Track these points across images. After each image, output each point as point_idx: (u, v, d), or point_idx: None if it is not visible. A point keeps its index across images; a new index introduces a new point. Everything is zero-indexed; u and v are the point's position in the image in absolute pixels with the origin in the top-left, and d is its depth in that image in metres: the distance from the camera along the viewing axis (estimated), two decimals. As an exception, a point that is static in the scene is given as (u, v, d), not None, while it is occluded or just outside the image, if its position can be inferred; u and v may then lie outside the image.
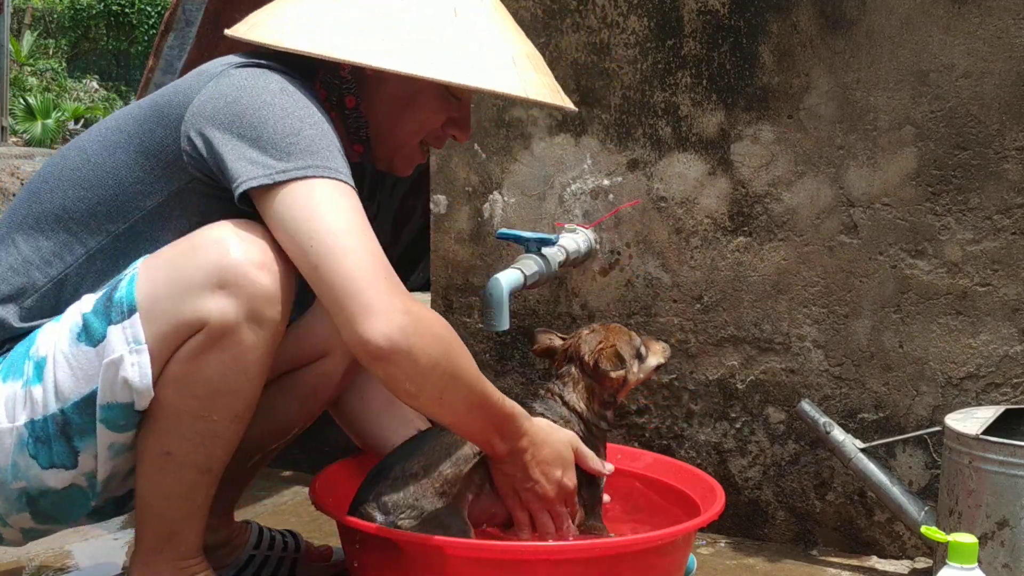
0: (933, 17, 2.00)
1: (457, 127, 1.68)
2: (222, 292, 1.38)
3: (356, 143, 1.67)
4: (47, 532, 1.62)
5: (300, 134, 1.43)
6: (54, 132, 13.27)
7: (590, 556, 1.55)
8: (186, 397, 1.41)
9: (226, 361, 1.39)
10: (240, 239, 1.41)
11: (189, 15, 2.49)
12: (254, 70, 1.51)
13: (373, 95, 1.63)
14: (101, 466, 1.48)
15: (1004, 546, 1.70)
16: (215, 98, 1.46)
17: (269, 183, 1.40)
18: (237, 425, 1.46)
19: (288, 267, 1.42)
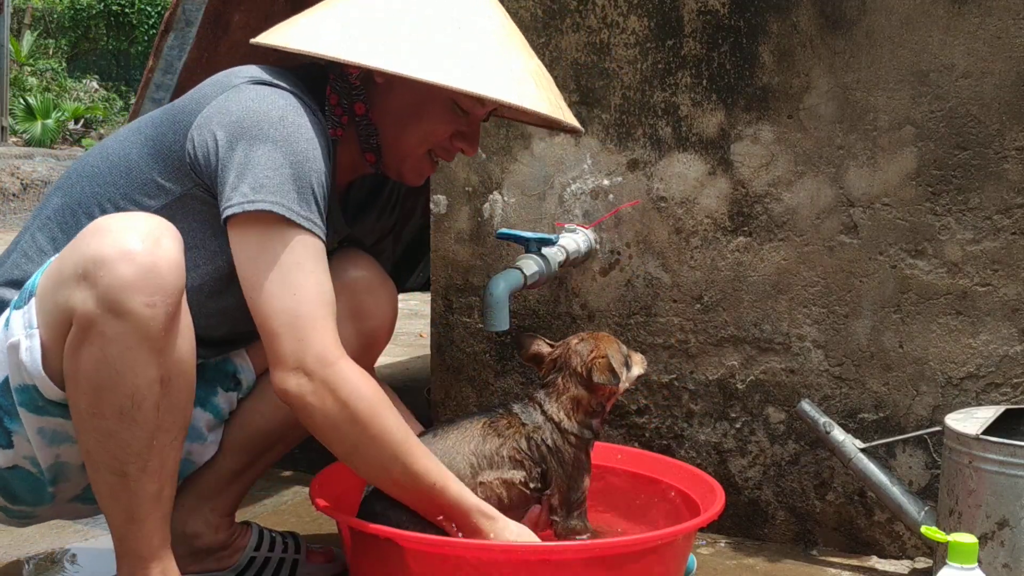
0: (933, 17, 2.00)
1: (465, 141, 1.70)
2: (84, 283, 1.37)
3: (368, 151, 1.70)
4: (29, 515, 1.64)
5: (279, 170, 1.48)
6: (54, 132, 13.27)
7: (590, 556, 1.55)
8: (76, 392, 1.41)
9: (95, 354, 1.38)
10: (113, 229, 1.40)
11: (189, 15, 2.48)
12: (264, 89, 1.55)
13: (382, 103, 1.66)
14: (38, 451, 1.51)
15: (1004, 546, 1.71)
16: (222, 112, 1.53)
17: (239, 212, 1.47)
18: (128, 424, 1.41)
19: (173, 257, 1.40)
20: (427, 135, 1.67)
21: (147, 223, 1.42)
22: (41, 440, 1.50)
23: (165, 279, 1.38)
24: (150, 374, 1.41)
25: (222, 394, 1.77)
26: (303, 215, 1.49)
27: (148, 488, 1.46)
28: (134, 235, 1.39)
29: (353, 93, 1.66)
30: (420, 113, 1.65)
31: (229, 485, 1.81)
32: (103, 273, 1.36)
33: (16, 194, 10.28)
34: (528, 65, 1.63)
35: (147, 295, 1.37)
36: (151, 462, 1.44)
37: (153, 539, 1.49)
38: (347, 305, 1.77)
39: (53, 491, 1.58)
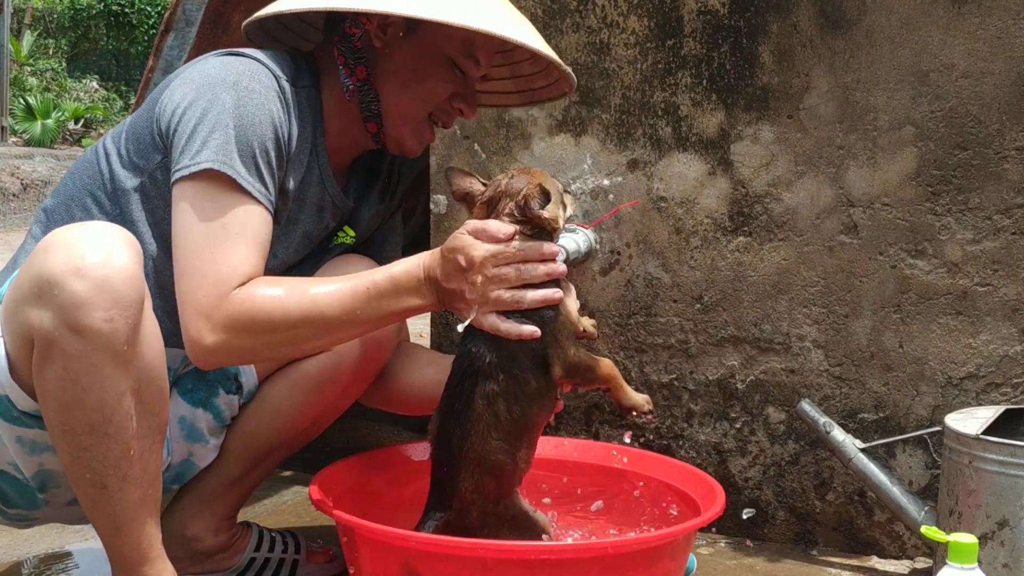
0: (933, 17, 2.00)
1: (464, 101, 1.72)
2: (40, 302, 1.35)
3: (369, 120, 1.72)
4: (27, 518, 1.65)
5: (223, 130, 1.49)
6: (54, 132, 13.26)
7: (590, 556, 1.55)
8: (48, 410, 1.40)
9: (59, 372, 1.36)
10: (64, 244, 1.37)
11: (189, 15, 2.48)
12: (227, 58, 1.58)
13: (382, 66, 1.68)
14: (19, 460, 1.51)
15: (1004, 546, 1.70)
16: (185, 81, 1.57)
17: (183, 175, 1.49)
18: (101, 437, 1.39)
19: (127, 268, 1.37)
20: (428, 96, 1.69)
21: (98, 235, 1.39)
22: (21, 449, 1.50)
23: (120, 292, 1.35)
24: (118, 387, 1.38)
25: (223, 396, 1.77)
26: (243, 176, 1.50)
27: (131, 496, 1.44)
28: (86, 249, 1.35)
29: (356, 57, 1.68)
30: (420, 74, 1.67)
31: (230, 490, 1.81)
32: (57, 291, 1.33)
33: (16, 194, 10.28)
34: (522, 18, 1.67)
35: (104, 310, 1.34)
36: (131, 471, 1.43)
37: (142, 543, 1.48)
38: None
39: (44, 497, 1.57)
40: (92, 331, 1.34)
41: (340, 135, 1.72)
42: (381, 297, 1.52)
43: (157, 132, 1.58)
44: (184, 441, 1.75)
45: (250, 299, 1.46)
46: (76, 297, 1.33)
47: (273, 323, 1.47)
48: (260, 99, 1.54)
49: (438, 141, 2.42)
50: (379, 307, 1.52)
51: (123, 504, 1.44)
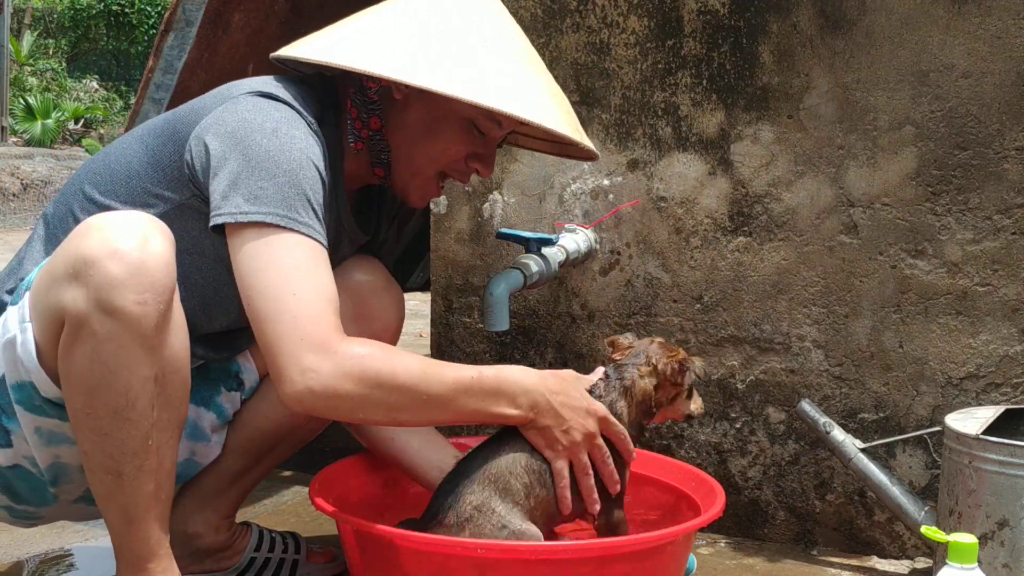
0: (933, 17, 2.00)
1: (480, 162, 1.69)
2: (75, 283, 1.37)
3: (377, 166, 1.70)
4: (34, 515, 1.65)
5: (273, 180, 1.48)
6: (54, 132, 13.28)
7: (590, 556, 1.55)
8: (72, 392, 1.41)
9: (88, 354, 1.37)
10: (102, 228, 1.39)
11: (189, 15, 2.48)
12: (261, 101, 1.56)
13: (398, 119, 1.66)
14: (36, 451, 1.51)
15: (1004, 546, 1.71)
16: (218, 123, 1.54)
17: (232, 222, 1.47)
18: (123, 423, 1.40)
19: (162, 255, 1.39)
20: (440, 154, 1.66)
21: (136, 221, 1.41)
22: (39, 440, 1.50)
23: (155, 277, 1.38)
24: (143, 372, 1.40)
25: (225, 394, 1.77)
26: (300, 222, 1.49)
27: (145, 488, 1.45)
28: (123, 233, 1.38)
29: (371, 107, 1.67)
30: (435, 131, 1.64)
31: (231, 486, 1.81)
32: (93, 272, 1.35)
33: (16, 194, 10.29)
34: (551, 87, 1.63)
35: (137, 293, 1.36)
36: (147, 461, 1.44)
37: (151, 539, 1.48)
38: (352, 309, 1.77)
39: (55, 492, 1.58)
40: (124, 313, 1.36)
41: (354, 171, 1.72)
42: (482, 392, 1.53)
43: (188, 171, 1.55)
44: (186, 440, 1.75)
45: (361, 345, 1.47)
46: (111, 278, 1.35)
47: (382, 380, 1.46)
48: (302, 144, 1.53)
49: (438, 141, 2.42)
50: (475, 402, 1.54)
51: (137, 495, 1.45)
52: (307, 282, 1.47)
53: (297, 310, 1.45)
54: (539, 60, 1.67)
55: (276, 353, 1.45)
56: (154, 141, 1.62)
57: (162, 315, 1.39)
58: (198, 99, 1.65)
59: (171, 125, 1.62)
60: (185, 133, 1.57)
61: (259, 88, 1.59)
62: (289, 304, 1.45)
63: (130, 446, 1.42)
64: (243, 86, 1.61)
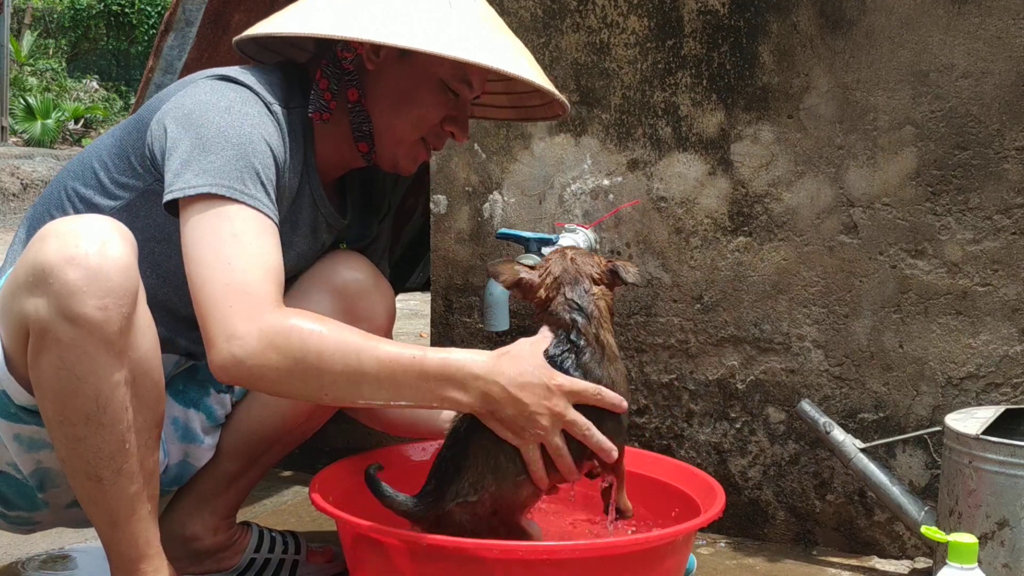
0: (933, 17, 2.00)
1: (455, 124, 1.71)
2: (36, 291, 1.36)
3: (361, 141, 1.70)
4: (28, 521, 1.64)
5: (221, 153, 1.49)
6: (54, 132, 13.27)
7: (589, 556, 1.55)
8: (43, 401, 1.40)
9: (54, 362, 1.36)
10: (58, 234, 1.38)
11: (189, 15, 2.48)
12: (219, 83, 1.58)
13: (374, 88, 1.67)
14: (17, 457, 1.51)
15: (1004, 546, 1.70)
16: (176, 107, 1.56)
17: (181, 196, 1.47)
18: (96, 428, 1.39)
19: (121, 259, 1.37)
20: (420, 119, 1.68)
21: (93, 226, 1.40)
22: (19, 447, 1.50)
23: (115, 281, 1.36)
24: (113, 377, 1.39)
25: (215, 395, 1.77)
26: (245, 192, 1.48)
27: (127, 490, 1.44)
28: (80, 239, 1.36)
29: (346, 79, 1.67)
30: (412, 97, 1.66)
31: (228, 488, 1.81)
32: (52, 280, 1.34)
33: (16, 194, 10.29)
34: (517, 44, 1.66)
35: (98, 299, 1.35)
36: (127, 464, 1.43)
37: (139, 540, 1.48)
38: (340, 308, 1.76)
39: (44, 497, 1.57)
40: (85, 319, 1.34)
41: (330, 153, 1.72)
42: (424, 376, 1.43)
43: (149, 155, 1.57)
44: (179, 442, 1.75)
45: (289, 321, 1.41)
46: (70, 285, 1.34)
47: (308, 351, 1.40)
48: (254, 120, 1.54)
49: (438, 141, 2.42)
50: (416, 385, 1.44)
51: (119, 498, 1.44)
52: (244, 251, 1.44)
53: (229, 278, 1.42)
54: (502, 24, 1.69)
55: (206, 319, 1.41)
56: (122, 132, 1.65)
57: (125, 318, 1.38)
58: (164, 89, 1.67)
59: (138, 115, 1.64)
60: (148, 119, 1.60)
61: (221, 73, 1.61)
62: (222, 271, 1.42)
63: (106, 450, 1.41)
64: (206, 72, 1.63)
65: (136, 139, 1.60)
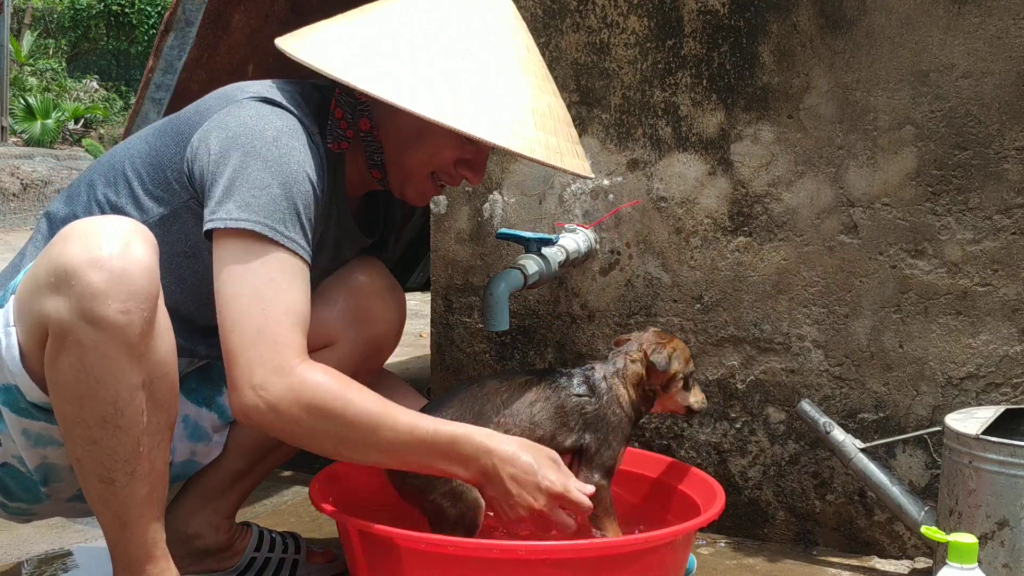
0: (933, 17, 2.00)
1: (470, 169, 1.69)
2: (57, 292, 1.35)
3: (373, 168, 1.70)
4: (28, 512, 1.64)
5: (266, 190, 1.48)
6: (54, 132, 13.27)
7: (589, 556, 1.55)
8: (60, 401, 1.40)
9: (73, 363, 1.36)
10: (82, 235, 1.38)
11: (189, 15, 2.48)
12: (264, 107, 1.56)
13: (388, 120, 1.66)
14: (23, 452, 1.51)
15: (1004, 546, 1.71)
16: (220, 127, 1.54)
17: (221, 227, 1.48)
18: (113, 431, 1.39)
19: (144, 262, 1.37)
20: (430, 158, 1.66)
21: (116, 227, 1.40)
22: (26, 441, 1.50)
23: (137, 284, 1.36)
24: (131, 380, 1.39)
25: (227, 394, 1.77)
26: (285, 235, 1.49)
27: (138, 492, 1.44)
28: (104, 241, 1.36)
29: (359, 109, 1.66)
30: (424, 136, 1.63)
31: (232, 486, 1.81)
32: (74, 282, 1.34)
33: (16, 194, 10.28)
34: (536, 104, 1.59)
35: (120, 302, 1.34)
36: (139, 467, 1.43)
37: (147, 541, 1.48)
38: (352, 309, 1.77)
39: (46, 491, 1.57)
40: (108, 322, 1.34)
41: (353, 175, 1.72)
42: (433, 451, 1.52)
43: (187, 172, 1.56)
44: (187, 440, 1.75)
45: (316, 379, 1.46)
46: (93, 287, 1.34)
47: (330, 413, 1.46)
48: (300, 156, 1.53)
49: (438, 141, 2.42)
50: (424, 458, 1.53)
51: (130, 500, 1.44)
52: (278, 298, 1.46)
53: (262, 325, 1.45)
54: (537, 72, 1.63)
55: (233, 364, 1.45)
56: (158, 141, 1.62)
57: (146, 322, 1.38)
58: (202, 100, 1.65)
59: (175, 126, 1.62)
60: (188, 134, 1.58)
61: (264, 94, 1.59)
62: (255, 318, 1.45)
63: (121, 453, 1.41)
64: (248, 89, 1.61)
65: (175, 153, 1.59)
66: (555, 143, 1.60)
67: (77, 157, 11.90)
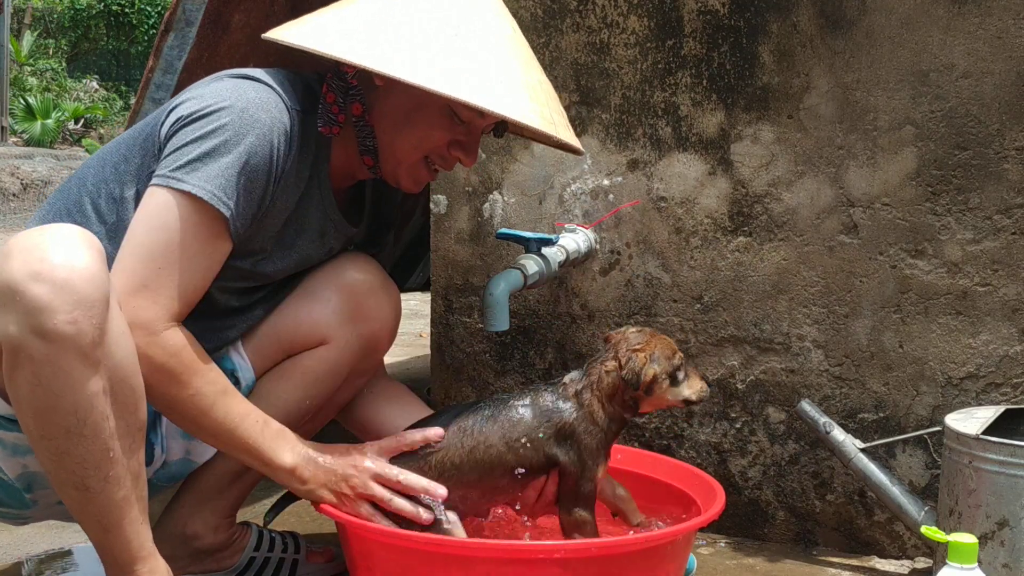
0: (933, 17, 2.00)
1: (462, 150, 1.68)
2: (5, 309, 1.33)
3: (365, 154, 1.70)
4: (19, 516, 1.65)
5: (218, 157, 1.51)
6: (54, 132, 13.27)
7: (590, 556, 1.55)
8: (23, 416, 1.39)
9: (28, 378, 1.34)
10: (24, 249, 1.35)
11: (189, 15, 2.48)
12: (241, 81, 1.58)
13: (380, 105, 1.66)
14: (3, 461, 1.52)
15: (1004, 546, 1.71)
16: (195, 98, 1.57)
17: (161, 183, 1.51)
18: (78, 440, 1.38)
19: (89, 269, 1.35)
20: (422, 141, 1.66)
21: (57, 237, 1.37)
22: (3, 451, 1.50)
23: (82, 292, 1.33)
24: (90, 388, 1.36)
25: None
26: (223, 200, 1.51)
27: (114, 496, 1.43)
28: (44, 252, 1.34)
29: (351, 93, 1.66)
30: (416, 118, 1.64)
31: (229, 486, 1.81)
32: (18, 297, 1.31)
33: (16, 194, 10.28)
34: (526, 78, 1.60)
35: (66, 312, 1.32)
36: (112, 471, 1.42)
37: (132, 543, 1.47)
38: (347, 307, 1.77)
39: (31, 498, 1.57)
40: (56, 334, 1.32)
41: (341, 162, 1.72)
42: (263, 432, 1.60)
43: (158, 141, 1.58)
44: (181, 439, 1.75)
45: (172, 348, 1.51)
46: (37, 301, 1.31)
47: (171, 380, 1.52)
48: (263, 129, 1.54)
49: (438, 141, 2.42)
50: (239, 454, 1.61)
51: (108, 504, 1.43)
52: (179, 265, 1.50)
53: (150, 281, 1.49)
54: (520, 44, 1.65)
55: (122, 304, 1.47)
56: (141, 127, 1.65)
57: (97, 329, 1.35)
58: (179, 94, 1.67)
59: (156, 112, 1.65)
60: (164, 111, 1.60)
61: (243, 72, 1.61)
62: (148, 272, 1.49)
63: (91, 460, 1.40)
64: (230, 71, 1.63)
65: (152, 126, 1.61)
66: (548, 114, 1.61)
67: (77, 157, 11.90)
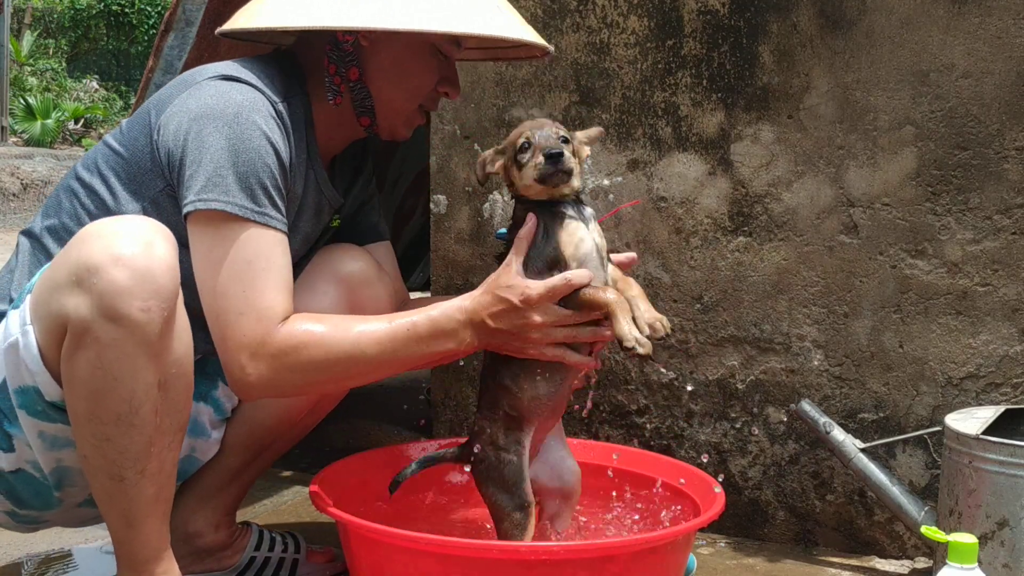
0: (933, 17, 2.00)
1: (449, 84, 1.76)
2: (78, 289, 1.36)
3: (363, 115, 1.74)
4: (37, 520, 1.65)
5: (232, 167, 1.51)
6: (54, 132, 13.27)
7: (590, 556, 1.55)
8: (75, 398, 1.41)
9: (91, 360, 1.37)
10: (104, 234, 1.40)
11: (189, 15, 2.48)
12: (224, 85, 1.59)
13: (372, 64, 1.70)
14: (39, 455, 1.52)
15: (1004, 546, 1.71)
16: (182, 112, 1.57)
17: (192, 211, 1.52)
18: (126, 428, 1.41)
19: (167, 261, 1.40)
20: (418, 88, 1.73)
21: (139, 226, 1.42)
22: (42, 444, 1.50)
23: (159, 283, 1.38)
24: (148, 379, 1.40)
25: (223, 388, 1.78)
26: (256, 211, 1.52)
27: (146, 491, 1.45)
28: (127, 239, 1.38)
29: (348, 59, 1.69)
30: (408, 67, 1.70)
31: (231, 483, 1.82)
32: (96, 279, 1.35)
33: (16, 194, 10.28)
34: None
35: (142, 300, 1.36)
36: (149, 465, 1.44)
37: (152, 541, 1.49)
38: (343, 299, 1.78)
39: (59, 496, 1.58)
40: (129, 320, 1.36)
41: (331, 133, 1.75)
42: (419, 340, 1.57)
43: (157, 160, 1.58)
44: (187, 436, 1.75)
45: (294, 336, 1.51)
46: (116, 285, 1.35)
47: (315, 360, 1.52)
48: (262, 128, 1.55)
49: (438, 141, 2.42)
50: (416, 349, 1.57)
51: (138, 499, 1.45)
52: (258, 278, 1.51)
53: (243, 307, 1.50)
54: None
55: (222, 350, 1.52)
56: (125, 137, 1.65)
57: (166, 321, 1.40)
58: (164, 87, 1.67)
59: (142, 117, 1.64)
60: (153, 123, 1.60)
61: (223, 71, 1.61)
62: (237, 301, 1.50)
63: (132, 451, 1.42)
64: (207, 71, 1.63)
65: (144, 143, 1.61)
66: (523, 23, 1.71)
67: (77, 157, 11.89)
